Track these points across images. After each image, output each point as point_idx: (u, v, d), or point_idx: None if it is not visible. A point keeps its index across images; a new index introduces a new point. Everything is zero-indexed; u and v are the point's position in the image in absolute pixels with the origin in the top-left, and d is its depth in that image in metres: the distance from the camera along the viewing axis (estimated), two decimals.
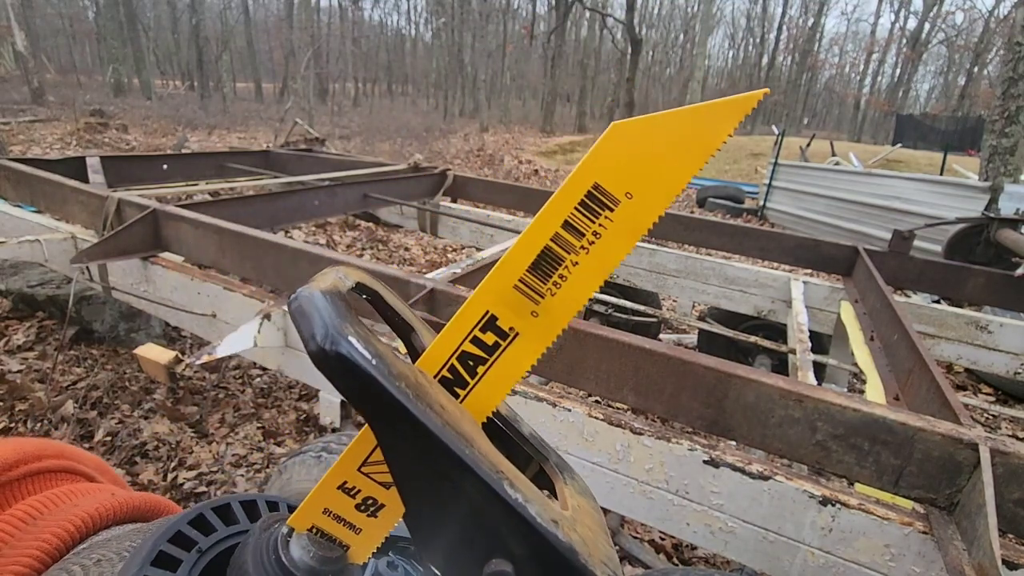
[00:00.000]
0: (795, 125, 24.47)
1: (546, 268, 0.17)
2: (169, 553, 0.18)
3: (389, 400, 0.14)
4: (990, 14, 21.70)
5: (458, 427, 0.15)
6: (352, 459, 0.17)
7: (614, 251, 0.16)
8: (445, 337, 0.17)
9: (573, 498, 0.18)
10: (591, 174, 0.16)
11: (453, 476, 0.15)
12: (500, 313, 0.17)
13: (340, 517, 0.18)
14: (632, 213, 0.16)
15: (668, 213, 2.02)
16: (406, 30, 39.85)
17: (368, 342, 0.14)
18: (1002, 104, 4.24)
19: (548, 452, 0.20)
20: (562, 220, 0.16)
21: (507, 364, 0.17)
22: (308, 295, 0.15)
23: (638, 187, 0.16)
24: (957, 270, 1.57)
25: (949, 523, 0.67)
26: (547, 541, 0.15)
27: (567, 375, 0.90)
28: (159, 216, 1.36)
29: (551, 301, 0.17)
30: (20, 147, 6.76)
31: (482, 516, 0.15)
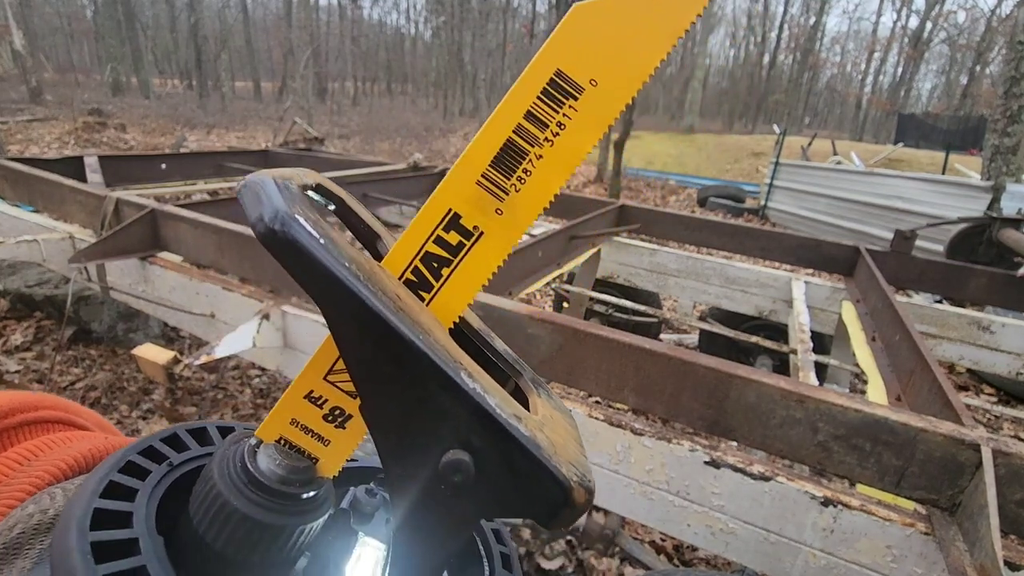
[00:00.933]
0: (796, 124, 24.45)
1: (509, 162, 0.16)
2: (139, 464, 0.18)
3: (337, 283, 0.13)
4: (992, 13, 21.68)
5: (414, 316, 0.15)
6: (318, 366, 0.17)
7: (580, 142, 0.16)
8: (408, 238, 0.17)
9: (546, 409, 0.18)
10: (553, 60, 0.15)
11: (407, 363, 0.14)
12: (463, 211, 0.16)
13: (308, 428, 0.17)
14: (598, 101, 0.15)
15: (668, 213, 2.03)
16: (405, 29, 39.82)
17: (318, 225, 0.14)
18: (1004, 103, 4.23)
19: (523, 368, 0.20)
20: (524, 111, 0.16)
21: (473, 265, 0.17)
22: (258, 179, 0.15)
23: (603, 73, 0.15)
24: (959, 270, 1.56)
25: (951, 524, 0.67)
26: (508, 433, 0.14)
27: (567, 375, 0.89)
28: (157, 216, 1.35)
29: (516, 197, 0.16)
30: (18, 146, 6.76)
31: (439, 406, 0.14)
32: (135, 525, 0.15)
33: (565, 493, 0.14)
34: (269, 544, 0.16)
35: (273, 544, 0.16)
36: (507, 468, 0.14)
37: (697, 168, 10.72)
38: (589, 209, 1.97)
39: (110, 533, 0.15)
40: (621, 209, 2.04)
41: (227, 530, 0.16)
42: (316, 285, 0.14)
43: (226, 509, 0.16)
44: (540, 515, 0.15)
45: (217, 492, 0.16)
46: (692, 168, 10.72)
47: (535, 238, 1.42)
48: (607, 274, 2.02)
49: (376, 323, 0.14)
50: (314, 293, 0.14)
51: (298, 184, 0.16)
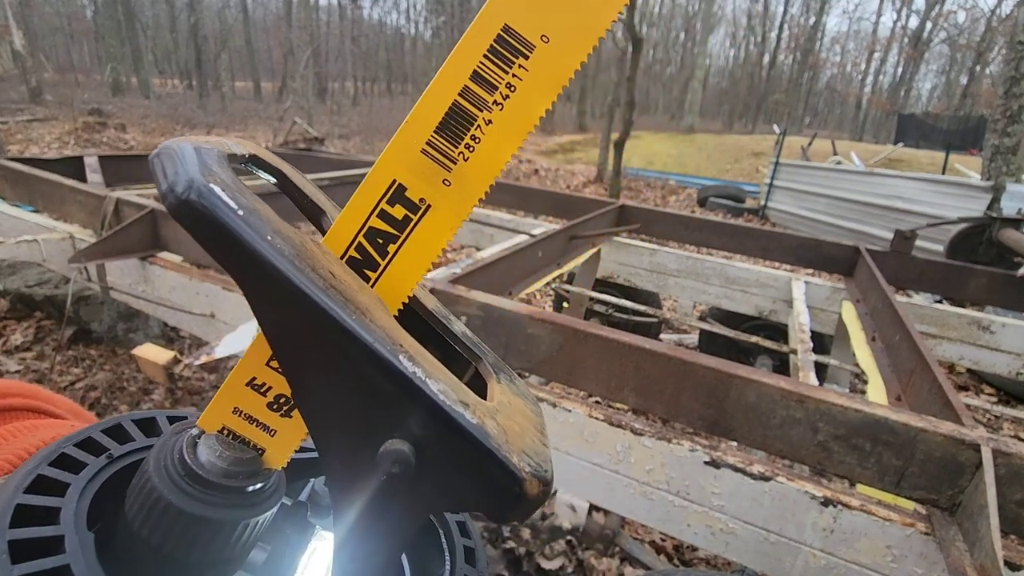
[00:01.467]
0: (796, 124, 24.45)
1: (456, 128, 0.15)
2: (74, 456, 0.17)
3: (258, 258, 0.12)
4: (992, 13, 21.68)
5: (349, 295, 0.13)
6: (259, 352, 0.16)
7: (532, 106, 0.14)
8: (349, 212, 0.15)
9: (506, 396, 0.17)
10: (500, 15, 0.14)
11: (339, 346, 0.13)
12: (408, 182, 0.15)
13: (252, 417, 0.16)
14: (550, 59, 0.14)
15: (668, 213, 2.03)
16: (405, 29, 39.83)
17: (239, 194, 0.13)
18: (1004, 103, 4.23)
19: (483, 352, 0.18)
20: (470, 71, 0.14)
21: (421, 241, 0.15)
22: (174, 145, 0.13)
23: (555, 28, 0.14)
24: (959, 270, 1.56)
25: (951, 524, 0.67)
26: (451, 419, 0.13)
27: (567, 375, 0.89)
28: (157, 216, 1.35)
29: (464, 167, 0.15)
30: (18, 146, 6.76)
31: (374, 392, 0.13)
32: (62, 522, 0.14)
33: (517, 484, 0.13)
34: (210, 540, 0.15)
35: (215, 540, 0.15)
36: (452, 458, 0.13)
37: (697, 168, 10.73)
38: (589, 209, 1.97)
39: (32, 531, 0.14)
40: (621, 209, 2.04)
41: (163, 526, 0.15)
42: (234, 261, 0.12)
43: (160, 504, 0.15)
44: (492, 508, 0.14)
45: (152, 486, 0.15)
46: (692, 168, 10.72)
47: (535, 238, 1.42)
48: (607, 274, 2.02)
49: (302, 302, 0.12)
50: (233, 270, 0.13)
51: (224, 152, 0.14)
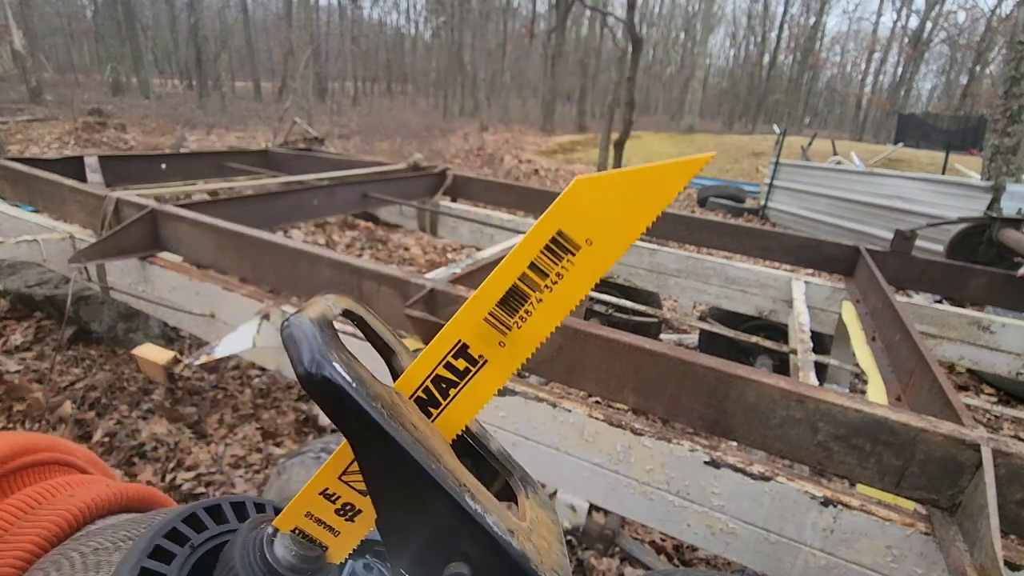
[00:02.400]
0: (796, 124, 24.43)
1: (514, 304, 0.19)
2: (164, 547, 0.20)
3: (366, 419, 0.16)
4: (992, 13, 21.66)
5: (427, 444, 0.17)
6: (334, 468, 0.19)
7: (574, 290, 0.18)
8: (422, 362, 0.19)
9: (533, 511, 0.20)
10: (556, 222, 0.18)
11: (420, 488, 0.16)
12: (471, 342, 0.19)
13: (321, 520, 0.20)
14: (592, 258, 0.18)
15: (669, 213, 2.02)
16: (405, 29, 39.79)
17: (349, 366, 0.16)
18: (1004, 103, 4.23)
19: (513, 467, 0.22)
20: (529, 262, 0.18)
21: (476, 387, 0.19)
22: (298, 322, 0.17)
23: (597, 235, 0.18)
24: (959, 270, 1.56)
25: (951, 524, 0.67)
26: (502, 548, 0.16)
27: (567, 375, 0.89)
28: (157, 216, 1.35)
29: (517, 333, 0.19)
30: (18, 146, 6.75)
31: (445, 524, 0.17)
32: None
33: None
34: None
35: None
36: None
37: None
38: None
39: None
40: None
41: None
42: (348, 422, 0.16)
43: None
44: None
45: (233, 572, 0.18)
46: None
47: None
48: (607, 274, 2.02)
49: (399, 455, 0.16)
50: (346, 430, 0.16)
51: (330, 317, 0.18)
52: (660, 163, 0.17)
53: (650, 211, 0.17)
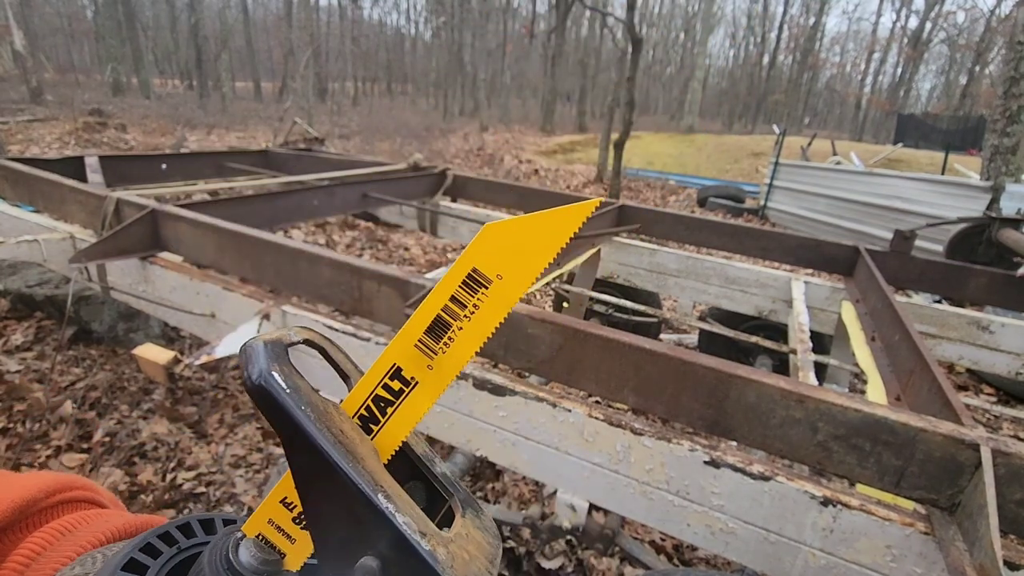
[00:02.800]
0: (796, 124, 24.43)
1: (438, 331, 0.22)
2: (155, 545, 0.22)
3: (294, 421, 0.18)
4: (991, 13, 21.67)
5: (351, 448, 0.19)
6: (292, 479, 0.22)
7: (490, 318, 0.21)
8: (363, 383, 0.22)
9: (466, 528, 0.22)
10: (470, 261, 0.21)
11: (339, 486, 0.18)
12: (404, 365, 0.22)
13: (280, 527, 0.22)
14: (502, 290, 0.21)
15: (668, 213, 2.03)
16: (406, 29, 39.80)
17: (288, 378, 0.19)
18: (1004, 103, 4.23)
19: (456, 490, 0.24)
20: (450, 295, 0.21)
21: (410, 406, 0.22)
22: (252, 343, 0.20)
23: (507, 270, 0.21)
24: (958, 270, 1.56)
25: (950, 524, 0.67)
26: (410, 545, 0.18)
27: (567, 375, 0.89)
28: (158, 216, 1.35)
29: (442, 358, 0.22)
30: (18, 146, 6.75)
31: (360, 520, 0.18)
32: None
33: None
34: None
35: None
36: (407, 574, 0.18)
37: (697, 168, 10.73)
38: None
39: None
40: (621, 209, 2.04)
41: None
42: (282, 426, 0.18)
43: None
44: None
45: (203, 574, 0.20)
46: (692, 168, 10.72)
47: None
48: (607, 274, 2.02)
49: (317, 453, 0.18)
50: (280, 432, 0.19)
51: (286, 343, 0.21)
52: (556, 208, 0.20)
53: (551, 248, 0.20)
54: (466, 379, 0.93)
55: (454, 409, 0.96)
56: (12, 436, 1.66)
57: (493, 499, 1.65)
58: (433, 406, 0.22)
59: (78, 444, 1.67)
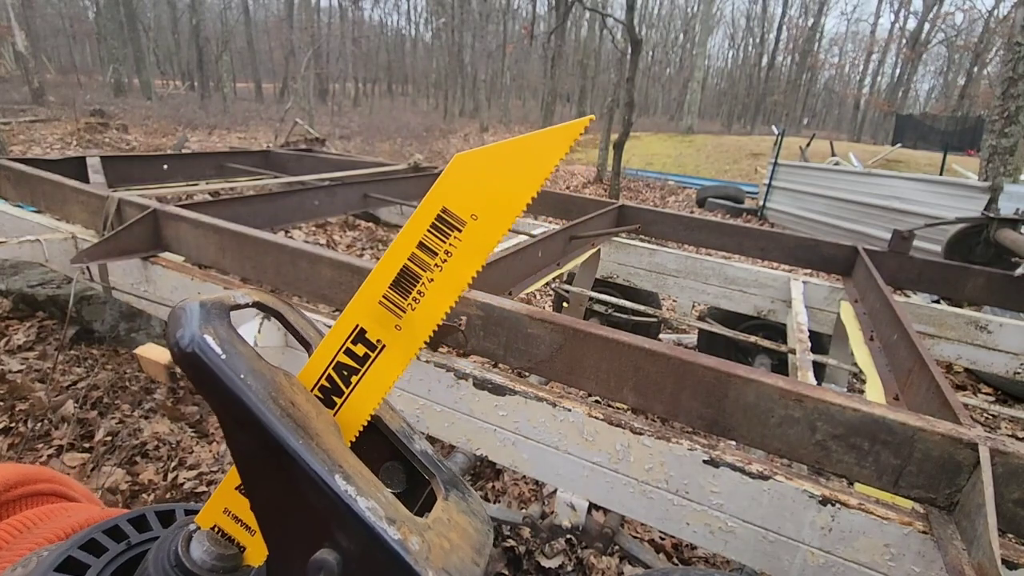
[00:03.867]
0: (795, 125, 24.45)
1: (406, 285, 0.18)
2: (100, 542, 0.19)
3: (231, 393, 0.15)
4: (990, 14, 21.70)
5: (303, 422, 0.16)
6: None
7: (465, 268, 0.18)
8: (322, 350, 0.19)
9: (448, 513, 0.18)
10: (439, 200, 0.18)
11: (287, 467, 0.15)
12: (368, 326, 0.19)
13: (238, 517, 0.19)
14: (478, 233, 0.18)
15: (668, 213, 2.03)
16: (406, 30, 39.85)
17: (227, 343, 0.16)
18: (1002, 104, 4.24)
19: (440, 469, 0.21)
20: (417, 241, 0.18)
21: (377, 373, 0.19)
22: (184, 305, 0.16)
23: (482, 210, 0.18)
24: (957, 270, 1.57)
25: (949, 523, 0.67)
26: (376, 534, 0.15)
27: (567, 375, 0.90)
28: (159, 216, 1.36)
29: (412, 315, 0.19)
30: (20, 147, 6.76)
31: (313, 506, 0.15)
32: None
33: None
34: None
35: None
36: (375, 570, 0.15)
37: (696, 169, 10.74)
38: (589, 209, 1.97)
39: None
40: (621, 209, 2.04)
41: None
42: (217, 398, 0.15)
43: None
44: None
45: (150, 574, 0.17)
46: (691, 169, 10.73)
47: (535, 238, 1.43)
48: (607, 274, 2.03)
49: (257, 427, 0.15)
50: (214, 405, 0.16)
51: (228, 304, 0.18)
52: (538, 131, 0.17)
53: (532, 181, 0.17)
54: (466, 379, 0.93)
55: (454, 408, 0.97)
56: (14, 435, 1.66)
57: (493, 498, 1.65)
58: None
59: (80, 443, 1.67)
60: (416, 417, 1.02)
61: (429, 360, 0.96)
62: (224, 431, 0.16)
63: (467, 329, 0.96)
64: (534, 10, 28.43)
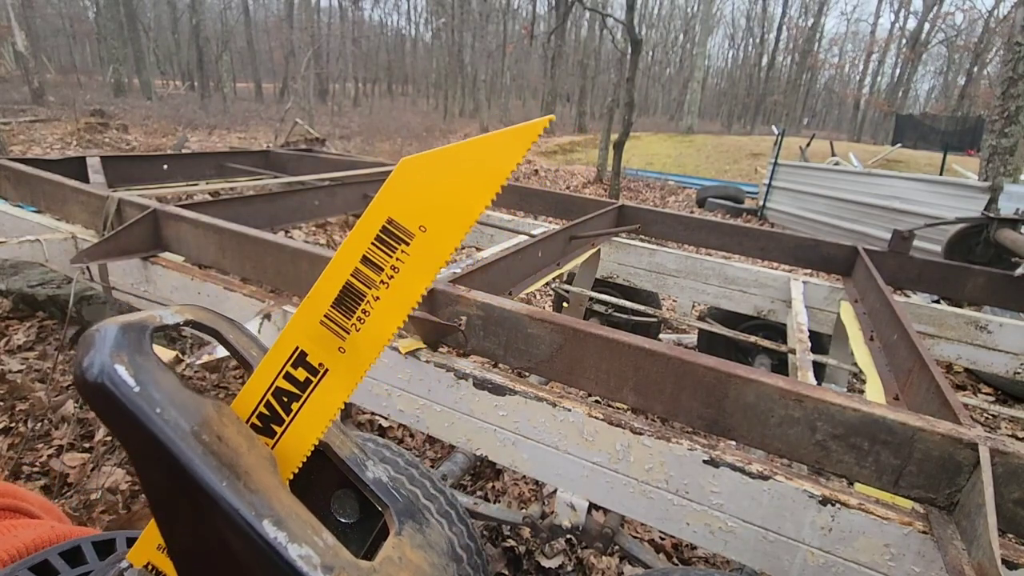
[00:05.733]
0: (795, 125, 24.47)
1: (349, 303, 0.17)
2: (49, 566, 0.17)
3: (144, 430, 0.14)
4: (990, 14, 21.71)
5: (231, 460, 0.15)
6: None
7: (414, 284, 0.17)
8: (259, 375, 0.18)
9: (400, 550, 0.17)
10: (384, 210, 0.16)
11: (207, 508, 0.14)
12: (309, 349, 0.17)
13: None
14: (428, 246, 0.16)
15: (668, 213, 2.03)
16: (406, 30, 39.86)
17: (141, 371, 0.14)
18: (1002, 104, 4.24)
19: (394, 499, 0.19)
20: (360, 255, 0.17)
21: (321, 399, 0.17)
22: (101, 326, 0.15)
23: (431, 220, 0.16)
24: (957, 270, 1.57)
25: (949, 523, 0.67)
26: None
27: (567, 375, 0.90)
28: (159, 216, 1.36)
29: (356, 337, 0.17)
30: (20, 147, 6.76)
31: (238, 556, 0.14)
32: None
33: None
34: None
35: None
36: None
37: (696, 169, 10.74)
38: (589, 209, 1.97)
39: None
40: (621, 209, 2.04)
41: None
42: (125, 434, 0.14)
43: None
44: None
45: None
46: (691, 169, 10.73)
47: (535, 238, 1.43)
48: (607, 274, 2.03)
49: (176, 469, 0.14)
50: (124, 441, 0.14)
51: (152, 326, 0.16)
52: (492, 132, 0.15)
53: (488, 186, 0.16)
54: (466, 379, 0.93)
55: (454, 409, 0.97)
56: (14, 435, 1.66)
57: (493, 498, 1.65)
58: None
59: (80, 443, 1.67)
60: (416, 417, 1.02)
61: (429, 360, 0.96)
62: (137, 472, 0.15)
63: (467, 329, 0.96)
64: (534, 10, 28.44)
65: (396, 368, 0.99)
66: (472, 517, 1.08)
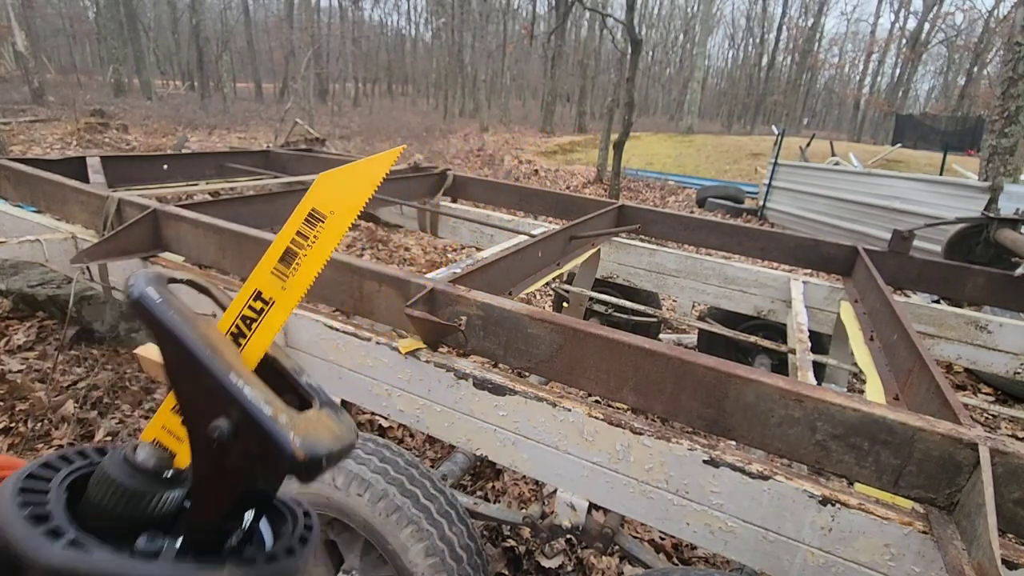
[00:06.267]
0: (795, 125, 24.46)
1: (289, 259, 0.29)
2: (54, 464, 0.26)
3: (162, 323, 0.23)
4: (990, 14, 21.70)
5: (212, 343, 0.23)
6: None
7: (327, 245, 0.29)
8: (233, 306, 0.29)
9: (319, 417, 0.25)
10: (310, 203, 0.29)
11: (196, 368, 0.22)
12: (264, 289, 0.29)
13: (171, 431, 0.26)
14: (334, 223, 0.29)
15: (668, 213, 2.03)
16: (406, 30, 39.86)
17: (161, 294, 0.24)
18: (1002, 104, 4.24)
19: (318, 394, 0.28)
20: (296, 230, 0.29)
21: (269, 320, 0.28)
22: (136, 273, 0.25)
23: (336, 208, 0.29)
24: (957, 270, 1.57)
25: (949, 523, 0.68)
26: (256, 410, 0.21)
27: (567, 375, 0.90)
28: (159, 216, 1.36)
29: (292, 279, 0.29)
30: (20, 147, 6.76)
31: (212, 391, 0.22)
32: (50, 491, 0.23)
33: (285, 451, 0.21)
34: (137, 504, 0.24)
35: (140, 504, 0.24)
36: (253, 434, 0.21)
37: (696, 169, 10.73)
38: (589, 209, 1.97)
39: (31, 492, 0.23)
40: (621, 209, 2.04)
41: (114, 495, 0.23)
42: (154, 327, 0.23)
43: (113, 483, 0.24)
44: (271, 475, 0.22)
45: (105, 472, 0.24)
46: (691, 169, 10.73)
47: (535, 238, 1.43)
48: (607, 274, 2.03)
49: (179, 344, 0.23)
50: (153, 334, 0.23)
51: (167, 276, 0.26)
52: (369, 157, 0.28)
53: (367, 189, 0.29)
54: (466, 379, 0.93)
55: (454, 408, 0.97)
56: (14, 435, 1.66)
57: (493, 498, 1.65)
58: None
59: (80, 443, 1.67)
60: (416, 417, 1.02)
61: (429, 360, 0.96)
62: (160, 351, 0.23)
63: (467, 329, 0.96)
64: (534, 10, 28.42)
65: (396, 368, 0.99)
66: (472, 517, 1.08)
